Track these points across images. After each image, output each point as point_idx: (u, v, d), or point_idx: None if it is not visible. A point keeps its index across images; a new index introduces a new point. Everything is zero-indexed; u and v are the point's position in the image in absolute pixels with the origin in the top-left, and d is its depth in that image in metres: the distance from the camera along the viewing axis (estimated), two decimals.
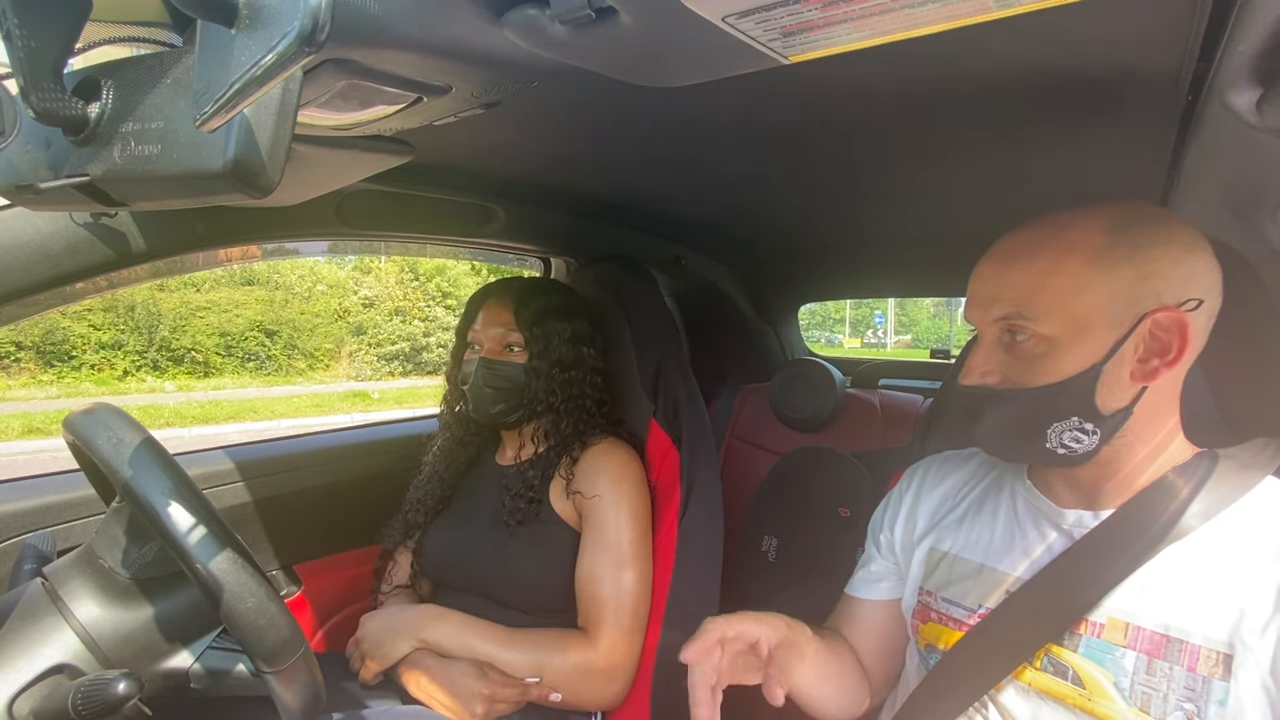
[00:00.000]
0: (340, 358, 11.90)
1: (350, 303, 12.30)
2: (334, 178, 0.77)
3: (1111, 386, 0.62)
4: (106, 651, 0.66)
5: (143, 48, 0.49)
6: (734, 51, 0.45)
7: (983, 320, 0.67)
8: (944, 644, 0.72)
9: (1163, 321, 0.61)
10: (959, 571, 0.74)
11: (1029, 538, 0.70)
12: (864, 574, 0.85)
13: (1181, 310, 0.61)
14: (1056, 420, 0.63)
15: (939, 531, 0.78)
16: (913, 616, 0.77)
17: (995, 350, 0.66)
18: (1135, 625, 0.62)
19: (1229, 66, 0.47)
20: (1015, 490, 0.75)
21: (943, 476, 0.83)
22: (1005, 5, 0.39)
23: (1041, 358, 0.62)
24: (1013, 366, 0.65)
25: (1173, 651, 0.60)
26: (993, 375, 0.66)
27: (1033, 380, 0.63)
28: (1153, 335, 0.61)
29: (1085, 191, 1.00)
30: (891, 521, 0.84)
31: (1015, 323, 0.63)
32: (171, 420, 8.13)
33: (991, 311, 0.65)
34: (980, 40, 0.55)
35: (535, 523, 1.06)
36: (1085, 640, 0.64)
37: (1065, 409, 0.62)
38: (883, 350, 23.80)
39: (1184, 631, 0.60)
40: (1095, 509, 0.67)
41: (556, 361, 1.11)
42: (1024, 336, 0.63)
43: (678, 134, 0.84)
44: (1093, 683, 0.62)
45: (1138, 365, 0.62)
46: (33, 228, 0.78)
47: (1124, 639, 0.62)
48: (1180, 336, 0.61)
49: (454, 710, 0.93)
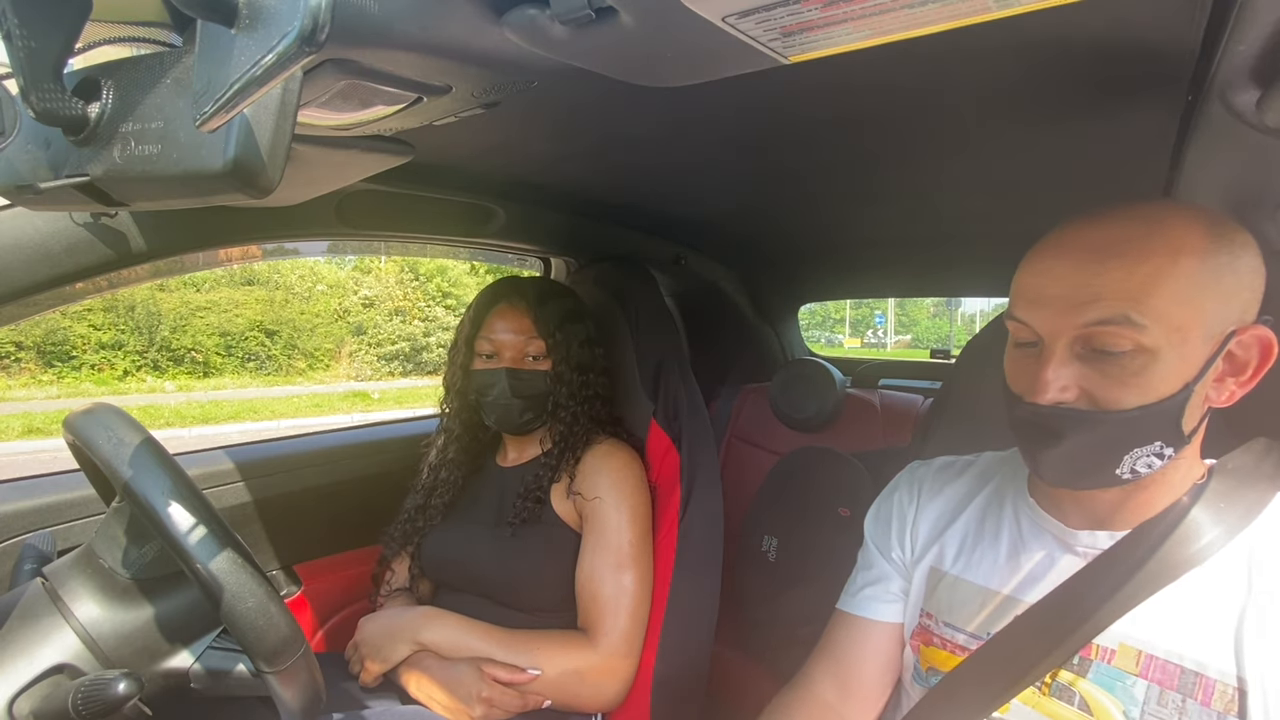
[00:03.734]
0: (340, 358, 11.90)
1: (350, 303, 12.30)
2: (334, 178, 0.77)
3: (1194, 407, 0.56)
4: (106, 651, 0.65)
5: (143, 48, 0.49)
6: (734, 51, 0.45)
7: (1061, 326, 0.57)
8: (947, 669, 0.69)
9: (1245, 339, 0.56)
10: (961, 595, 0.70)
11: (1036, 560, 0.66)
12: (872, 592, 0.79)
13: (1262, 327, 0.56)
14: (1139, 445, 0.56)
15: (940, 549, 0.74)
16: (913, 637, 0.74)
17: (1071, 361, 0.57)
18: (1148, 653, 0.59)
19: (1229, 66, 0.47)
20: (1018, 508, 0.70)
21: (941, 486, 0.79)
22: (1005, 5, 0.39)
23: (1137, 374, 0.55)
24: (1097, 383, 0.56)
25: (1186, 683, 0.57)
26: (1071, 390, 0.57)
27: (1123, 400, 0.55)
28: (1231, 354, 0.57)
29: (1085, 191, 1.00)
30: (900, 536, 0.79)
31: (1116, 330, 0.55)
32: (171, 420, 8.13)
33: (1083, 314, 0.56)
34: (980, 40, 0.55)
35: (536, 524, 1.06)
36: (1095, 666, 0.61)
37: (1152, 433, 0.56)
38: (883, 350, 23.81)
39: (1199, 664, 0.56)
40: (1110, 529, 0.63)
41: (576, 366, 1.10)
42: (1120, 350, 0.55)
43: (678, 134, 0.84)
44: (1101, 710, 0.60)
45: (1214, 385, 0.57)
46: (33, 228, 0.78)
47: (1136, 667, 0.59)
48: (1260, 356, 0.56)
49: (453, 711, 0.93)
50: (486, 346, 1.09)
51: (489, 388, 1.08)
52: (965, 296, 3.96)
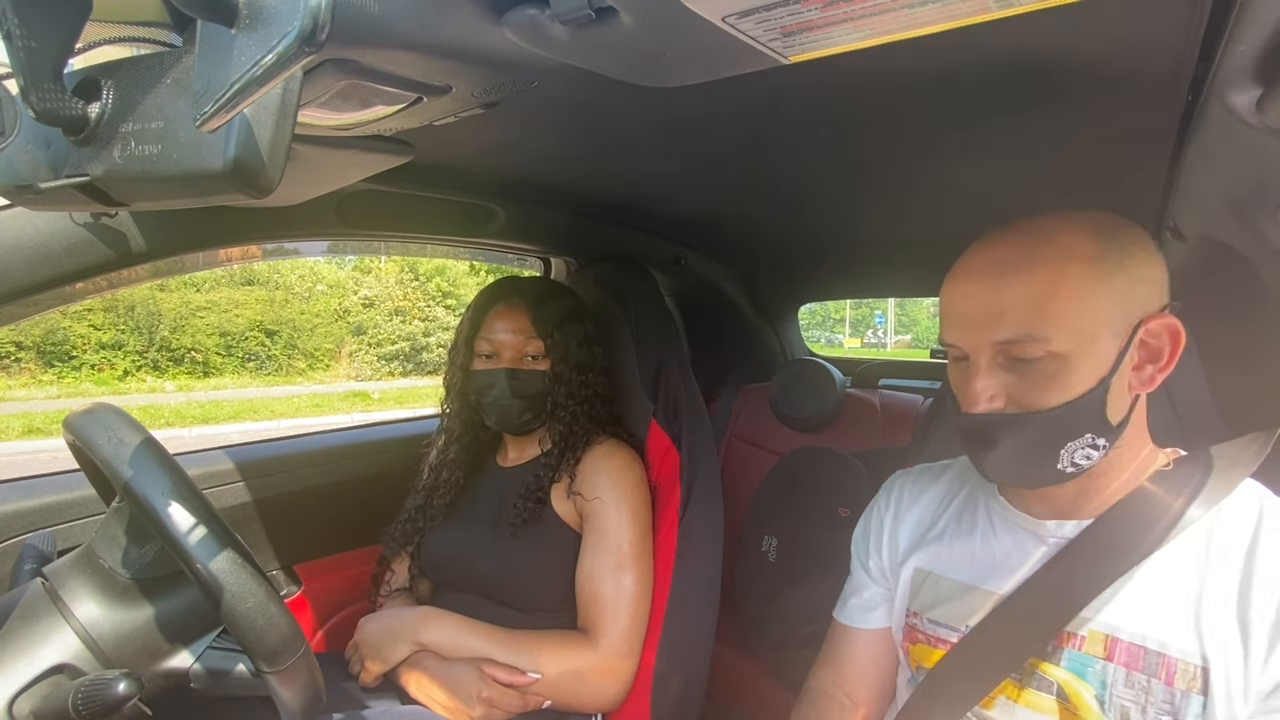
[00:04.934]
0: (340, 358, 11.91)
1: (350, 303, 12.31)
2: (334, 178, 0.77)
3: (1117, 398, 0.61)
4: (106, 651, 0.65)
5: (143, 48, 0.49)
6: (734, 51, 0.45)
7: (979, 342, 0.62)
8: (932, 665, 0.71)
9: (1154, 328, 0.61)
10: (943, 592, 0.73)
11: (1009, 553, 0.69)
12: (857, 601, 0.83)
13: (1169, 315, 0.61)
14: (1071, 439, 0.60)
15: (921, 551, 0.77)
16: (902, 638, 0.77)
17: (995, 372, 0.62)
18: (1114, 637, 0.61)
19: (1229, 66, 0.47)
20: (990, 506, 0.74)
21: (919, 492, 0.81)
22: (1005, 5, 0.39)
23: (1053, 376, 0.59)
24: (1020, 388, 0.61)
25: (1150, 664, 0.59)
26: (999, 399, 0.62)
27: (1044, 401, 0.60)
28: (1144, 343, 0.61)
29: (1085, 191, 1.00)
30: (877, 545, 0.82)
31: (1022, 345, 0.59)
32: (171, 420, 8.13)
33: (994, 332, 0.61)
34: (980, 40, 0.55)
35: (536, 524, 1.06)
36: (1067, 653, 0.63)
37: (1079, 426, 0.60)
38: (883, 350, 23.79)
39: (1161, 644, 0.59)
40: (1076, 519, 0.66)
41: (575, 365, 1.10)
42: (1034, 357, 0.59)
43: (678, 134, 0.84)
44: (1075, 696, 0.62)
45: (1134, 374, 0.62)
46: (33, 228, 0.78)
47: (1104, 651, 0.61)
48: (1172, 341, 0.61)
49: (453, 711, 0.93)
50: (486, 347, 1.09)
51: (489, 388, 1.08)
52: None
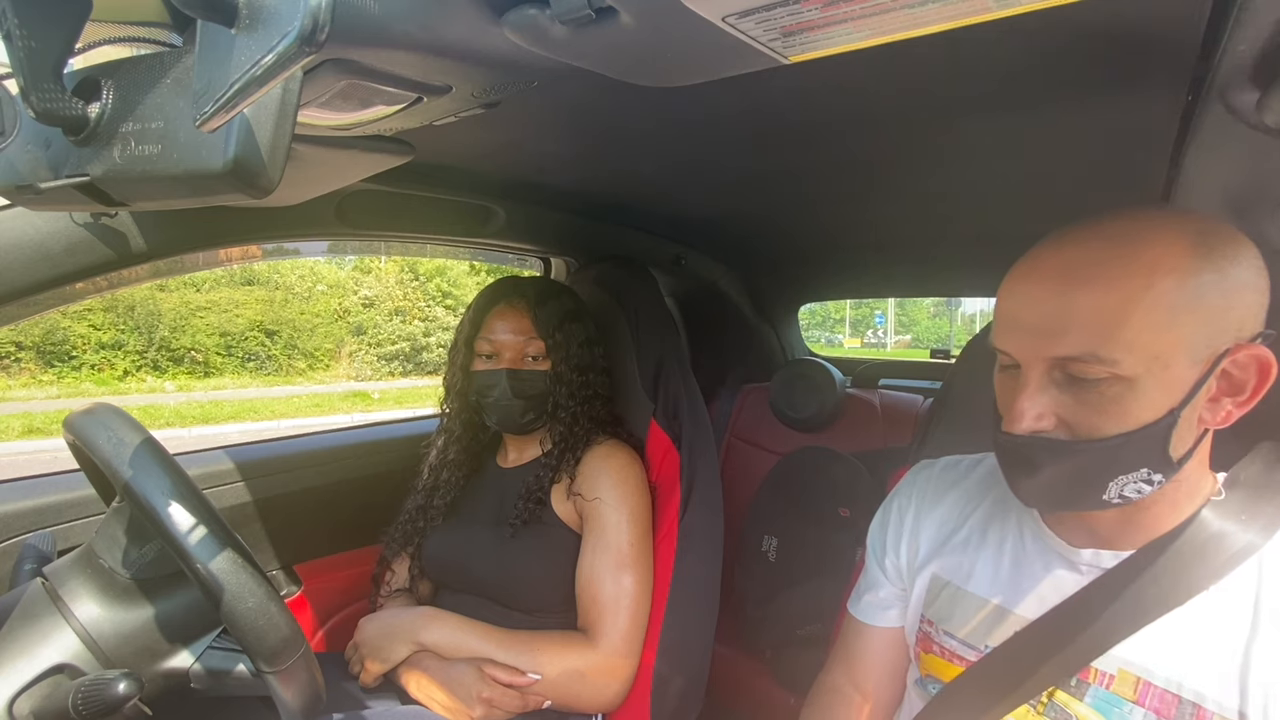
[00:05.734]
0: (340, 358, 11.90)
1: (350, 303, 12.31)
2: (334, 178, 0.77)
3: (1184, 432, 0.53)
4: (107, 651, 0.65)
5: (143, 48, 0.49)
6: (734, 51, 0.45)
7: (1034, 354, 0.55)
8: (945, 678, 0.69)
9: (1241, 359, 0.53)
10: (963, 605, 0.69)
11: (1038, 577, 0.64)
12: (871, 599, 0.80)
13: (1260, 345, 0.53)
14: (1123, 472, 0.54)
15: (942, 558, 0.73)
16: (915, 643, 0.75)
17: (1047, 389, 0.55)
18: (1147, 680, 0.57)
19: (1229, 66, 0.47)
20: (1022, 521, 0.69)
21: (944, 490, 0.77)
22: (1005, 5, 0.39)
23: (1114, 402, 0.52)
24: (1073, 410, 0.54)
25: (1184, 714, 0.55)
26: (1047, 419, 0.55)
27: (1099, 429, 0.53)
28: (1226, 373, 0.53)
29: (1085, 192, 1.00)
30: (895, 544, 0.78)
31: (1084, 364, 0.52)
32: (171, 420, 8.13)
33: (1054, 346, 0.53)
34: (980, 41, 0.55)
35: (536, 524, 1.06)
36: (1093, 690, 0.59)
37: (1135, 460, 0.53)
38: (883, 350, 23.80)
39: (1198, 694, 0.54)
40: (1114, 548, 0.61)
41: (576, 366, 1.10)
42: (1095, 378, 0.52)
43: (678, 134, 0.84)
44: None
45: (1208, 406, 0.54)
46: (33, 228, 0.78)
47: (1134, 694, 0.57)
48: (1259, 376, 0.53)
49: (453, 711, 0.93)
50: (486, 347, 1.09)
51: (489, 388, 1.08)
52: (965, 296, 3.96)
